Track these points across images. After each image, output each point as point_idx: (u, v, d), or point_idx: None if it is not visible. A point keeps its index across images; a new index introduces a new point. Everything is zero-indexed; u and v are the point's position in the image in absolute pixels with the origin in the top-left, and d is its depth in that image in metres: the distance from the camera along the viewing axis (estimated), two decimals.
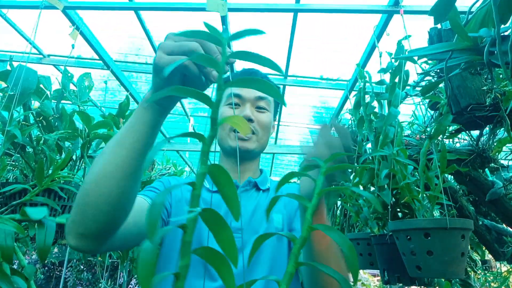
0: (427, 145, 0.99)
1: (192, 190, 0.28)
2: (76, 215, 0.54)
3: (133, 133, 0.56)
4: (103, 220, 0.54)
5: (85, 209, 0.54)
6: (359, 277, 4.89)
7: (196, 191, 0.27)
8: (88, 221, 0.54)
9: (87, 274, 5.26)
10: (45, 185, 1.12)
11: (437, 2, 0.56)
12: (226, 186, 0.27)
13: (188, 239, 0.26)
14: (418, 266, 0.83)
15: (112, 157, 0.55)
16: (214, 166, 0.27)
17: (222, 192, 0.28)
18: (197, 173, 0.28)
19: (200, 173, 0.28)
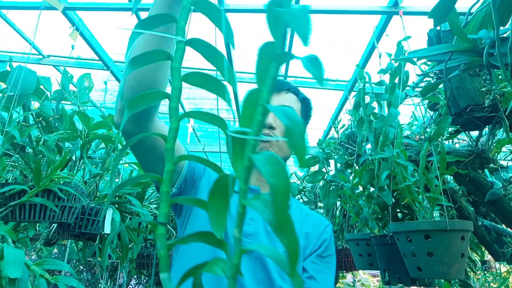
0: (427, 147, 0.99)
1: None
2: (120, 90, 0.64)
3: (155, 11, 0.63)
4: (137, 88, 0.63)
5: (126, 82, 0.64)
6: (359, 277, 4.89)
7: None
8: (126, 92, 0.64)
9: (86, 275, 5.25)
10: (43, 186, 1.12)
11: (436, 4, 0.56)
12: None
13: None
14: (418, 267, 0.84)
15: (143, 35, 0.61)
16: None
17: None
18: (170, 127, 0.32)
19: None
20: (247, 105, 0.28)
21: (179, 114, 0.33)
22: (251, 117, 0.27)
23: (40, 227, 2.10)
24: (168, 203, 0.31)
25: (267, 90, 0.26)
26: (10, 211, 1.09)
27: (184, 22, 0.33)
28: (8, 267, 0.69)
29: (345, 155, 1.50)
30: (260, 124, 0.26)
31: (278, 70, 0.26)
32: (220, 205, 0.29)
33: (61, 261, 0.89)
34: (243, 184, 0.27)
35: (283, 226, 0.21)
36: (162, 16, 0.33)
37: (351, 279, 4.85)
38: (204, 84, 0.32)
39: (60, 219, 1.19)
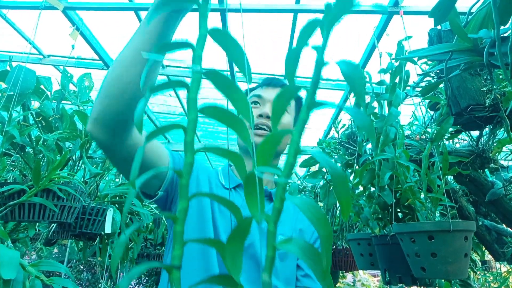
0: (429, 148, 0.99)
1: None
2: (95, 102, 0.63)
3: (147, 26, 0.61)
4: (113, 107, 0.61)
5: (102, 95, 0.62)
6: (359, 277, 4.89)
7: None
8: (101, 107, 0.62)
9: (87, 274, 5.25)
10: (42, 186, 1.12)
11: (437, 3, 0.56)
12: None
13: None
14: (422, 267, 0.84)
15: (128, 50, 0.61)
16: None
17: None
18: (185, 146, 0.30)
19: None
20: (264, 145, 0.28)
21: (194, 148, 0.31)
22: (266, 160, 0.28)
23: (40, 226, 2.10)
24: (182, 244, 0.29)
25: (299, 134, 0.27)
26: (9, 211, 1.09)
27: (201, 50, 0.32)
28: (2, 268, 0.68)
29: (345, 155, 1.50)
30: (291, 167, 0.26)
31: (308, 116, 0.27)
32: (237, 247, 0.28)
33: (57, 262, 0.88)
34: (272, 227, 0.27)
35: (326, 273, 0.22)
36: (181, 43, 0.31)
37: (351, 279, 4.85)
38: (221, 117, 0.31)
39: (59, 219, 1.19)
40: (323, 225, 0.22)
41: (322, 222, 0.22)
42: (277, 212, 0.27)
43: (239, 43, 0.30)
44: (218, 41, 0.31)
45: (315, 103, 0.27)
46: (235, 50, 0.30)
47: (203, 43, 0.32)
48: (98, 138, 0.64)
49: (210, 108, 0.30)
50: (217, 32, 0.30)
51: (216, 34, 0.30)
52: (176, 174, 0.76)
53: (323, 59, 0.28)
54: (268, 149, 0.28)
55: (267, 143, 0.28)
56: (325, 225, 0.22)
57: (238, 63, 0.31)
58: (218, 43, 0.31)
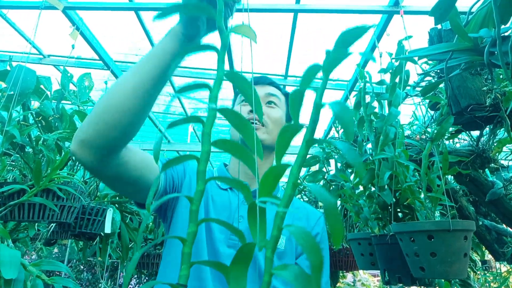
0: (429, 147, 0.99)
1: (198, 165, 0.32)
2: (84, 124, 0.61)
3: (153, 60, 0.60)
4: (107, 133, 0.59)
5: (94, 120, 0.59)
6: (359, 277, 4.89)
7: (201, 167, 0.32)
8: (93, 132, 0.59)
9: (87, 274, 5.25)
10: (43, 186, 1.12)
11: (437, 3, 0.56)
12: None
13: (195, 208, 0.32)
14: (421, 267, 0.84)
15: (130, 78, 0.60)
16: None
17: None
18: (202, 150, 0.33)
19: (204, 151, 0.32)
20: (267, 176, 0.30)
21: (205, 177, 0.34)
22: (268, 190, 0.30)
23: (40, 226, 2.10)
24: (189, 265, 0.31)
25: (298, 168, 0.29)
26: (9, 211, 1.09)
27: (217, 91, 0.36)
28: (4, 267, 0.68)
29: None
30: (290, 198, 0.28)
31: (307, 151, 0.29)
32: (241, 271, 0.30)
33: (58, 261, 0.88)
34: (270, 253, 0.28)
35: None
36: (200, 85, 0.36)
37: (351, 279, 4.85)
38: (231, 150, 0.34)
39: (59, 219, 1.19)
40: (314, 253, 0.23)
41: (314, 250, 0.23)
42: (274, 239, 0.28)
43: (247, 80, 0.34)
44: (231, 80, 0.35)
45: (313, 140, 0.29)
46: (244, 85, 0.34)
47: (219, 85, 0.36)
48: (84, 160, 0.61)
49: (222, 141, 0.34)
50: (232, 74, 0.35)
51: (230, 75, 0.35)
52: (167, 181, 0.77)
53: (321, 101, 0.30)
54: (271, 180, 0.30)
55: (269, 175, 0.30)
56: (317, 253, 0.23)
57: (246, 94, 0.34)
58: (231, 81, 0.36)
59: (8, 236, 0.75)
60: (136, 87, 0.60)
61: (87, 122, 0.61)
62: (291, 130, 0.30)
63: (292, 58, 2.68)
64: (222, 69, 0.36)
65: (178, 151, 4.43)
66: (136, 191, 0.74)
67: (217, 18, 0.39)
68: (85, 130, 0.60)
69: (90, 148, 0.60)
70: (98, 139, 0.59)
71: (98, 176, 0.68)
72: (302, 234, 0.24)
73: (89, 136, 0.60)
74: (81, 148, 0.60)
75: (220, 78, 0.36)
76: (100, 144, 0.60)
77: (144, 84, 0.60)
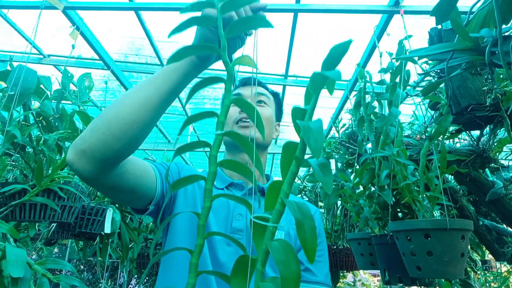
0: (427, 146, 0.99)
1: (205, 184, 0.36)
2: (86, 133, 0.60)
3: (164, 76, 0.62)
4: (112, 143, 0.58)
5: (100, 130, 0.59)
6: (359, 277, 4.89)
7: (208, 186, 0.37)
8: (97, 142, 0.58)
9: (87, 274, 5.26)
10: (44, 185, 1.12)
11: (438, 2, 0.56)
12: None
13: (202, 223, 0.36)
14: (418, 266, 0.83)
15: (140, 91, 0.61)
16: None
17: None
18: (208, 171, 0.37)
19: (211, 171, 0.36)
20: (270, 192, 0.33)
21: (212, 194, 0.38)
22: (273, 205, 0.32)
23: (40, 226, 2.10)
24: (196, 274, 0.34)
25: (288, 185, 0.31)
26: (10, 211, 1.09)
27: (224, 118, 0.40)
28: (11, 266, 0.68)
29: (345, 155, 1.50)
30: (279, 214, 0.30)
31: (298, 168, 0.31)
32: (241, 280, 0.32)
33: (63, 260, 0.89)
34: (260, 266, 0.31)
35: None
36: (208, 113, 0.41)
37: (351, 279, 4.85)
38: (236, 168, 0.39)
39: (60, 219, 1.19)
40: (287, 268, 0.25)
41: (290, 262, 0.25)
42: (264, 253, 0.30)
43: (252, 105, 0.39)
44: (238, 105, 0.40)
45: (302, 159, 0.31)
46: (249, 109, 0.39)
47: (226, 112, 0.40)
48: (82, 170, 0.60)
49: (228, 162, 0.39)
50: (239, 100, 0.39)
51: (238, 101, 0.39)
52: (163, 186, 0.78)
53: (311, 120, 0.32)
54: (274, 195, 0.33)
55: (272, 191, 0.33)
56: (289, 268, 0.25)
57: (251, 117, 0.39)
58: (238, 106, 0.40)
59: (17, 235, 0.76)
60: (146, 101, 0.60)
61: (90, 131, 0.60)
62: (292, 147, 0.32)
63: (292, 58, 2.68)
64: (229, 98, 0.40)
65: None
66: (132, 199, 0.74)
67: (221, 54, 0.43)
68: (88, 139, 0.59)
69: (91, 158, 0.59)
70: (102, 149, 0.58)
71: (94, 186, 0.67)
72: (279, 248, 0.26)
73: (92, 146, 0.58)
74: (81, 158, 0.59)
75: (226, 106, 0.39)
76: (103, 155, 0.59)
77: (154, 98, 0.61)
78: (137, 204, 0.77)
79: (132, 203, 0.77)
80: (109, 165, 0.61)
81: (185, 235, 0.79)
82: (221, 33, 0.43)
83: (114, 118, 0.59)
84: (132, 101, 0.60)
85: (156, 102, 0.61)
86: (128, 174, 0.67)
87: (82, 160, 0.59)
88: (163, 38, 2.66)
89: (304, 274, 0.83)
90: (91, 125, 0.61)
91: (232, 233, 0.81)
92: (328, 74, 0.25)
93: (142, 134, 0.62)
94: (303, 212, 0.26)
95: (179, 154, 0.38)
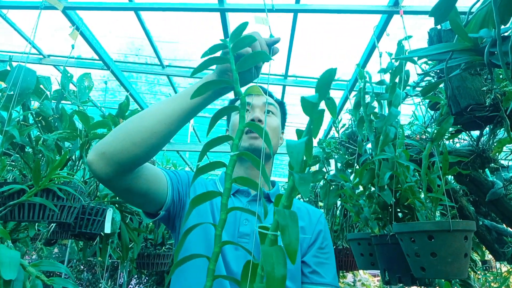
0: (429, 148, 0.99)
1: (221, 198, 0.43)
2: (109, 138, 0.66)
3: (187, 96, 0.68)
4: (131, 149, 0.65)
5: (121, 137, 0.65)
6: (359, 277, 4.88)
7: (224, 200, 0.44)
8: (118, 147, 0.64)
9: (87, 274, 5.25)
10: (42, 185, 1.11)
11: (438, 3, 0.56)
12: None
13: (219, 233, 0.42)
14: (422, 267, 0.84)
15: (164, 106, 0.69)
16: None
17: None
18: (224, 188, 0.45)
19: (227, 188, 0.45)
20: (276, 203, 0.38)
21: (227, 208, 0.43)
22: None
23: (40, 226, 2.10)
24: (213, 278, 0.38)
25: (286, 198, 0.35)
26: (9, 211, 1.09)
27: (238, 141, 0.47)
28: (3, 268, 0.68)
29: (345, 155, 1.50)
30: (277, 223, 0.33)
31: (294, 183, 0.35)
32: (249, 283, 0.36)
33: (58, 262, 0.89)
34: (260, 270, 0.34)
35: None
36: (224, 138, 0.48)
37: (351, 279, 4.85)
38: (247, 183, 0.46)
39: (59, 219, 1.19)
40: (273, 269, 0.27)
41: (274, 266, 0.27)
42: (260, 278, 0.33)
43: (261, 126, 0.46)
44: (251, 127, 0.48)
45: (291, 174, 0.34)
46: (259, 130, 0.46)
47: (240, 136, 0.47)
48: (99, 171, 0.65)
49: (240, 179, 0.45)
50: (251, 124, 0.47)
51: (249, 124, 0.47)
52: (174, 192, 0.81)
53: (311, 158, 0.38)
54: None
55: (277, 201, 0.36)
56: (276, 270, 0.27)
57: (261, 134, 0.45)
58: (250, 128, 0.48)
59: (8, 236, 0.75)
60: (168, 116, 0.67)
61: (112, 137, 0.66)
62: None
63: (292, 58, 2.68)
64: (243, 123, 0.48)
65: (178, 151, 4.43)
66: (144, 202, 0.79)
67: (234, 86, 0.52)
68: (109, 143, 0.65)
69: (109, 160, 0.64)
70: (121, 154, 0.64)
71: (110, 187, 0.71)
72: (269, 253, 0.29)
73: (113, 150, 0.64)
74: (100, 160, 0.64)
75: (240, 130, 0.47)
76: (122, 159, 0.64)
77: (175, 115, 0.68)
78: (149, 208, 0.82)
79: (144, 206, 0.82)
80: (126, 170, 0.66)
81: (197, 240, 0.82)
82: (233, 68, 0.53)
83: (137, 127, 0.66)
84: (156, 114, 0.67)
85: (177, 118, 0.68)
86: (141, 178, 0.72)
87: (100, 162, 0.64)
88: (163, 38, 2.67)
89: (311, 277, 0.83)
90: (114, 131, 0.67)
91: (240, 237, 0.83)
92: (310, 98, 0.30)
93: (159, 144, 0.68)
94: (292, 219, 0.28)
95: (200, 174, 0.44)
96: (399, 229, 0.89)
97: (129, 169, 0.67)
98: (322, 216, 0.97)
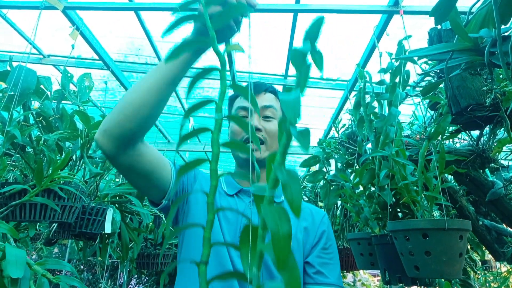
0: (426, 146, 0.99)
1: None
2: (108, 116, 0.72)
3: (168, 64, 0.70)
4: (124, 123, 0.70)
5: (116, 112, 0.70)
6: (359, 277, 4.89)
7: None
8: (113, 122, 0.70)
9: (87, 274, 5.25)
10: (45, 186, 1.12)
11: (438, 3, 0.56)
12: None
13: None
14: (416, 266, 0.83)
15: (147, 79, 0.72)
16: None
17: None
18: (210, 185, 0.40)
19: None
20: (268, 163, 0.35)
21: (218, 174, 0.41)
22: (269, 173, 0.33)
23: (40, 226, 2.10)
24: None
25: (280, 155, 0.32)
26: (10, 211, 1.09)
27: (221, 103, 0.43)
28: (10, 266, 0.69)
29: (345, 155, 1.50)
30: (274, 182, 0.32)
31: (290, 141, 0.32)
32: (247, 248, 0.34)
33: (63, 260, 0.89)
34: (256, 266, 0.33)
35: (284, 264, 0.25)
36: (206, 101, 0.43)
37: (351, 279, 4.85)
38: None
39: (60, 219, 1.19)
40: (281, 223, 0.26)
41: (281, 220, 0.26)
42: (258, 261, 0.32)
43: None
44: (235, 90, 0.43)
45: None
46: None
47: (223, 98, 0.43)
48: (104, 147, 0.72)
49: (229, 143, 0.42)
50: (236, 86, 0.42)
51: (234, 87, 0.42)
52: (178, 185, 0.81)
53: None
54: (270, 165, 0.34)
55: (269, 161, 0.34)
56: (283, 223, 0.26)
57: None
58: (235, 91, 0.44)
59: (17, 235, 0.76)
60: (151, 86, 0.71)
61: (109, 115, 0.72)
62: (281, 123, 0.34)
63: None
64: (224, 85, 0.43)
65: (178, 151, 4.42)
66: (148, 186, 0.81)
67: (212, 45, 0.46)
68: (109, 120, 0.71)
69: (110, 136, 0.70)
70: (117, 129, 0.70)
71: (115, 164, 0.76)
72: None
73: (110, 126, 0.70)
74: (103, 136, 0.71)
75: (223, 92, 0.42)
76: (119, 133, 0.70)
77: (158, 84, 0.71)
78: (152, 194, 0.84)
79: (148, 191, 0.84)
80: (125, 143, 0.72)
81: (199, 240, 0.83)
82: (208, 26, 0.47)
83: (127, 102, 0.70)
84: (141, 87, 0.71)
85: (161, 86, 0.71)
86: (144, 157, 0.76)
87: (103, 138, 0.71)
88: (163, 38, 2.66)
89: (316, 277, 0.84)
90: (112, 111, 0.72)
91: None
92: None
93: (150, 115, 0.71)
94: (291, 176, 0.28)
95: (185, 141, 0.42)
96: (394, 227, 0.88)
97: (128, 142, 0.72)
98: (326, 217, 0.97)
